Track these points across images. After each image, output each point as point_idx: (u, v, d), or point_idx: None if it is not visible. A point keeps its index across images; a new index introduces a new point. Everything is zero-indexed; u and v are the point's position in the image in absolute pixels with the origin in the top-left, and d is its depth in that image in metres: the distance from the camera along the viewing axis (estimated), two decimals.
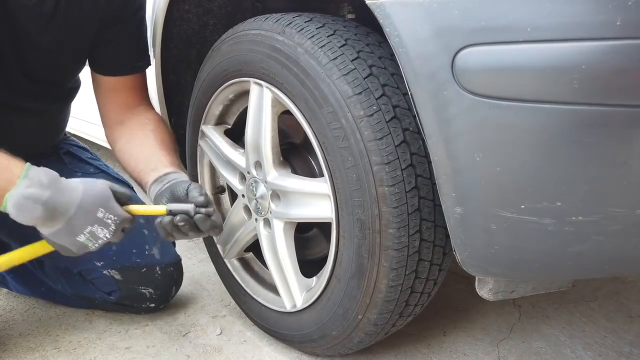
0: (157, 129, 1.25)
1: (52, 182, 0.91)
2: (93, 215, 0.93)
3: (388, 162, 0.88)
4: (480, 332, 1.28)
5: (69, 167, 1.37)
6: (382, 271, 0.93)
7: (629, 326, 1.32)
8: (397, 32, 0.79)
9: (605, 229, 0.74)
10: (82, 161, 1.41)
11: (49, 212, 0.90)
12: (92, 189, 0.96)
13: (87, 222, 0.93)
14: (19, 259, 1.00)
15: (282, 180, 1.07)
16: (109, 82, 1.27)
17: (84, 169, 1.39)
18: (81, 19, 1.17)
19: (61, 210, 0.91)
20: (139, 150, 1.21)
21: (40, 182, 0.90)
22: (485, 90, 0.73)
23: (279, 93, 1.02)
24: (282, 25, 1.00)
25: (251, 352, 1.21)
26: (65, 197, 0.92)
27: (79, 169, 1.38)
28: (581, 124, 0.69)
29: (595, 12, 0.65)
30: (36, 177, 0.90)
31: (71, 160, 1.40)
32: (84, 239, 0.95)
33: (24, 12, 1.09)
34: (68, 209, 0.92)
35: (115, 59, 1.26)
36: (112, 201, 0.96)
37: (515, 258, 0.83)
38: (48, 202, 0.90)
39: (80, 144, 1.49)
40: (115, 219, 0.96)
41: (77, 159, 1.41)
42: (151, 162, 1.17)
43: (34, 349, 1.22)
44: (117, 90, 1.28)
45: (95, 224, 0.94)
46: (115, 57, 1.26)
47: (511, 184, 0.76)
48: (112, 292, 1.30)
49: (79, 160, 1.41)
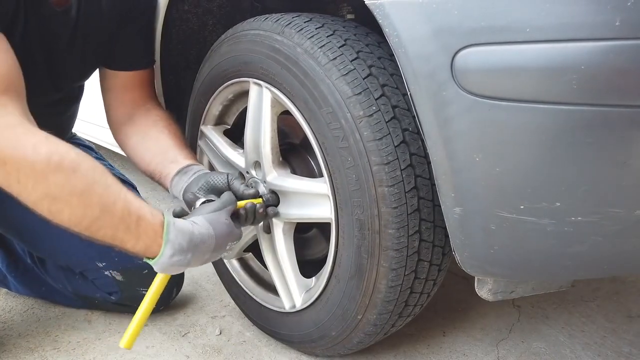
0: (170, 126, 1.26)
1: (190, 244, 0.92)
2: (223, 250, 0.99)
3: (387, 162, 0.87)
4: (479, 333, 1.28)
5: None
6: (382, 271, 0.93)
7: (628, 326, 1.32)
8: (397, 33, 0.79)
9: (604, 229, 0.75)
10: None
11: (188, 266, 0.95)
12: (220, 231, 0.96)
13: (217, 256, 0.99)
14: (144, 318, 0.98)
15: (281, 180, 1.07)
16: (118, 78, 1.27)
17: None
18: (101, 21, 1.18)
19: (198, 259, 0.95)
20: (154, 145, 1.22)
21: (182, 248, 0.91)
22: (484, 91, 0.73)
23: (279, 93, 1.02)
24: (282, 25, 1.00)
25: (250, 352, 1.21)
26: (200, 251, 0.94)
27: None
28: (580, 124, 0.69)
29: (594, 12, 0.65)
30: (177, 243, 0.91)
31: None
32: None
33: (55, 20, 1.10)
34: (204, 257, 0.96)
35: (126, 55, 1.27)
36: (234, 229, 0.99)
37: (515, 258, 0.83)
38: (190, 263, 0.94)
39: (85, 142, 1.49)
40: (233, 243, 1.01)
41: None
42: (169, 155, 1.18)
43: (33, 349, 1.22)
44: (126, 87, 1.28)
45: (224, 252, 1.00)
46: (126, 53, 1.26)
47: (510, 184, 0.76)
48: (113, 292, 1.30)
49: None
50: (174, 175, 1.15)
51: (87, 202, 0.85)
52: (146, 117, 1.27)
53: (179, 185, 1.13)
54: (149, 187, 2.23)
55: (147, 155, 1.22)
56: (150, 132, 1.24)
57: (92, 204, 0.85)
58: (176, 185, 1.14)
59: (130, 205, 0.88)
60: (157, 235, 0.90)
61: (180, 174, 1.14)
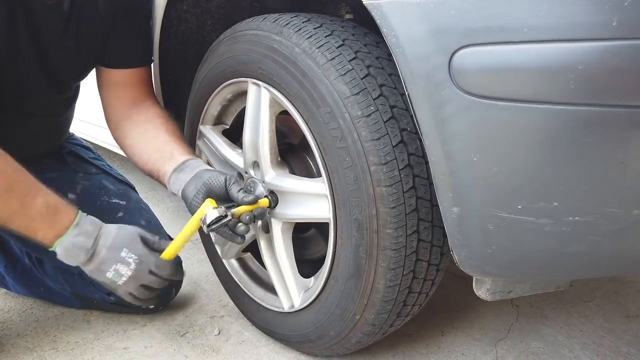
0: (168, 122, 1.26)
1: (95, 231, 1.06)
2: (118, 255, 1.06)
3: (385, 162, 0.88)
4: (478, 332, 1.29)
5: (71, 166, 1.38)
6: (380, 271, 0.93)
7: (626, 326, 1.32)
8: (394, 33, 0.79)
9: (602, 229, 0.75)
10: (85, 161, 1.41)
11: (89, 257, 1.06)
12: (122, 231, 1.09)
13: (113, 261, 1.07)
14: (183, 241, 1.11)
15: (279, 180, 1.07)
16: (115, 75, 1.27)
17: (86, 168, 1.39)
18: (96, 17, 1.17)
19: (96, 253, 1.06)
20: (152, 142, 1.22)
21: (87, 231, 1.05)
22: (482, 91, 0.73)
23: (277, 93, 1.02)
24: (280, 25, 1.00)
25: (249, 352, 1.21)
26: (101, 243, 1.06)
27: (81, 169, 1.38)
28: (578, 124, 0.69)
29: (591, 12, 0.65)
30: (84, 227, 1.05)
31: (74, 160, 1.40)
32: (111, 276, 1.07)
33: (44, 13, 1.09)
34: (101, 251, 1.06)
35: (123, 52, 1.26)
36: (137, 243, 1.09)
37: (513, 258, 0.83)
38: (90, 249, 1.05)
39: (83, 143, 1.49)
40: (136, 258, 1.07)
41: (79, 158, 1.41)
42: (166, 152, 1.18)
43: (32, 349, 1.22)
44: (123, 85, 1.28)
45: (119, 263, 1.07)
46: (123, 50, 1.26)
47: (508, 184, 0.76)
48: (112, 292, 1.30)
49: (82, 160, 1.41)
50: (171, 172, 1.15)
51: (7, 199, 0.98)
52: (144, 114, 1.27)
53: (177, 184, 1.13)
54: (148, 187, 2.23)
55: (145, 153, 1.22)
56: (148, 130, 1.24)
57: (13, 199, 0.98)
58: (174, 184, 1.14)
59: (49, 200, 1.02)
60: (70, 221, 1.03)
61: (177, 172, 1.14)
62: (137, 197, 1.41)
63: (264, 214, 1.07)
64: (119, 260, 1.06)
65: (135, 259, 1.07)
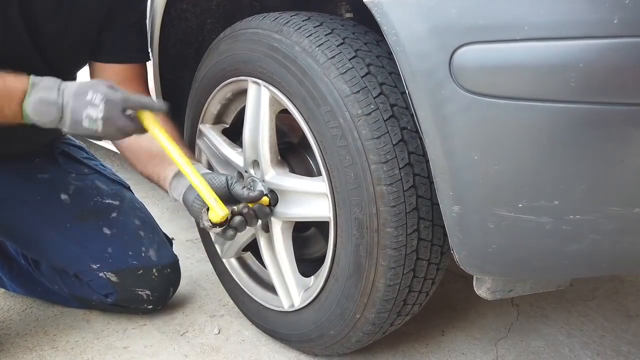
0: (166, 124, 1.25)
1: (56, 84, 0.99)
2: (84, 99, 0.98)
3: (386, 160, 0.87)
4: (478, 332, 1.28)
5: (63, 167, 1.37)
6: (380, 270, 0.93)
7: (627, 325, 1.32)
8: (395, 31, 0.79)
9: (602, 227, 0.74)
10: (77, 161, 1.40)
11: (60, 111, 0.98)
12: (87, 81, 1.02)
13: (82, 107, 0.98)
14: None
15: (279, 179, 1.07)
16: (112, 71, 1.26)
17: (79, 169, 1.38)
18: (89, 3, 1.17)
19: (65, 104, 0.98)
20: (150, 145, 1.20)
21: (47, 86, 0.98)
22: (482, 89, 0.72)
23: (277, 92, 1.02)
24: (280, 23, 1.00)
25: (249, 351, 1.21)
26: (66, 92, 0.98)
27: (74, 169, 1.38)
28: (578, 122, 0.69)
29: (592, 10, 0.65)
30: (42, 83, 0.98)
31: (66, 160, 1.39)
32: (87, 124, 0.98)
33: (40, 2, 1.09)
34: (68, 101, 0.98)
35: (119, 47, 1.26)
36: (101, 85, 1.00)
37: (513, 257, 0.83)
38: (57, 100, 0.98)
39: (76, 142, 1.48)
40: (102, 97, 0.98)
41: (72, 159, 1.40)
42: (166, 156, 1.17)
43: (32, 348, 1.22)
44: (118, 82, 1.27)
45: (88, 106, 0.98)
46: (119, 45, 1.25)
47: (508, 182, 0.76)
48: (109, 294, 1.29)
49: (74, 161, 1.40)
50: (172, 177, 1.14)
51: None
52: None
53: (178, 189, 1.12)
54: (147, 187, 2.22)
55: (144, 156, 1.21)
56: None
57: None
58: (175, 188, 1.13)
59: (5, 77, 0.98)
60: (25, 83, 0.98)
61: (178, 177, 1.13)
62: (131, 196, 1.40)
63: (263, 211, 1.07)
64: (87, 104, 0.98)
65: (101, 98, 0.98)
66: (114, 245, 1.27)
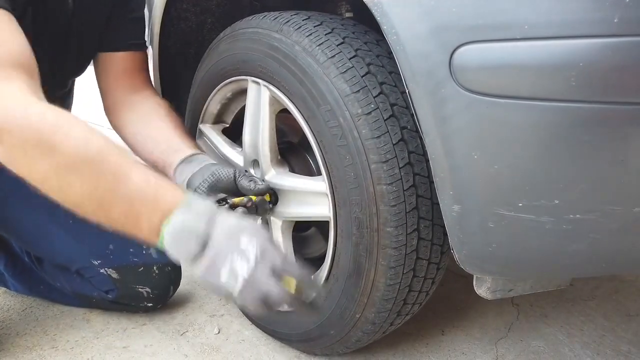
0: (170, 114, 1.26)
1: (207, 211, 0.80)
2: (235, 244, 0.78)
3: (386, 160, 0.87)
4: (478, 331, 1.28)
5: None
6: (380, 270, 0.93)
7: (627, 325, 1.32)
8: (395, 30, 0.79)
9: (603, 227, 0.74)
10: None
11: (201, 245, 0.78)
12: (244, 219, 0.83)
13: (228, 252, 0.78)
14: None
15: (279, 179, 1.07)
16: (113, 60, 1.28)
17: None
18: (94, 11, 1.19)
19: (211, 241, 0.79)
20: (157, 133, 1.21)
21: (198, 211, 0.79)
22: (482, 88, 0.72)
23: (277, 91, 1.01)
24: (280, 23, 1.00)
25: (249, 351, 1.21)
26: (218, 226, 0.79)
27: None
28: (579, 121, 0.69)
29: (593, 9, 0.65)
30: (195, 205, 0.79)
31: None
32: (225, 278, 0.77)
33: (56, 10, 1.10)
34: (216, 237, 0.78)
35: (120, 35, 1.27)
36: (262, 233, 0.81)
37: (513, 256, 0.83)
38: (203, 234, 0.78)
39: None
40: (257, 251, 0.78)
41: None
42: (173, 144, 1.18)
43: (31, 348, 1.22)
44: (123, 70, 1.29)
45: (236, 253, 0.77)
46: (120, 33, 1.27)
47: (509, 182, 0.76)
48: (110, 290, 1.30)
49: None
50: (178, 164, 1.15)
51: (100, 170, 0.76)
52: (146, 103, 1.27)
53: (184, 174, 1.13)
54: None
55: (150, 143, 1.22)
56: (152, 120, 1.24)
57: (105, 172, 0.76)
58: (180, 174, 1.14)
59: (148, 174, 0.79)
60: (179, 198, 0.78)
61: (185, 163, 1.14)
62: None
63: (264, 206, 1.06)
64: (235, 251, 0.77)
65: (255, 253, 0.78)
66: (115, 242, 1.28)
